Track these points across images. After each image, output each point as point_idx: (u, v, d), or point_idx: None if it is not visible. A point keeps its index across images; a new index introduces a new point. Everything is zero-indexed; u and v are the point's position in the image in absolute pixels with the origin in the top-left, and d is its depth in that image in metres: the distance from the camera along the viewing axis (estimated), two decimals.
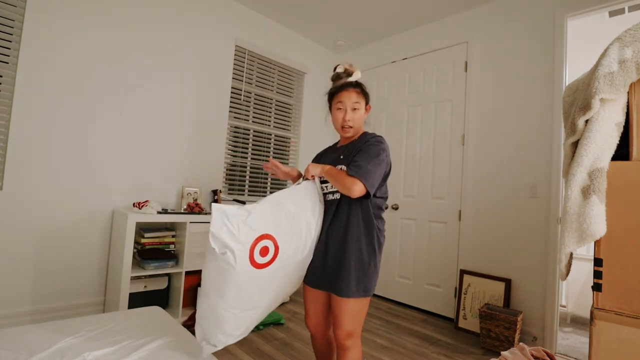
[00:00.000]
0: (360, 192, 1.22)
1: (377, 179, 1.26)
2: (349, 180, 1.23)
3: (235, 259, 1.11)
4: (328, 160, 1.46)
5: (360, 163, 1.26)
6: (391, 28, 3.42)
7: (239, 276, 1.14)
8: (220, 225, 1.11)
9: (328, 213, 1.37)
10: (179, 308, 2.40)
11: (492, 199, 2.70)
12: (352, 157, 1.33)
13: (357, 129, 1.42)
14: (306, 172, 1.36)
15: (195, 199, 2.76)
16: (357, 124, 1.40)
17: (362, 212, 1.32)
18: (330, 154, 1.51)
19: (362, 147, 1.33)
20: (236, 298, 1.17)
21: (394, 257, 3.30)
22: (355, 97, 1.38)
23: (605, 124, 1.16)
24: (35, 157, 2.12)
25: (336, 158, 1.42)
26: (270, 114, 3.48)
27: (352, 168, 1.25)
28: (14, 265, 2.06)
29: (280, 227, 1.24)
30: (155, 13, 2.62)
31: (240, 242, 1.13)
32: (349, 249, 1.29)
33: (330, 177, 1.30)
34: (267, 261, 1.20)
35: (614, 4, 2.29)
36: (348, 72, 1.42)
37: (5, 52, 2.03)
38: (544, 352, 1.46)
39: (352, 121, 1.38)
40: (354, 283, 1.27)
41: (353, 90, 1.38)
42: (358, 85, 1.40)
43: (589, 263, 2.87)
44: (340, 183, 1.25)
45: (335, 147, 1.53)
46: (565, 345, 2.50)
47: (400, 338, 2.44)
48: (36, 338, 1.24)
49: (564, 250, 1.20)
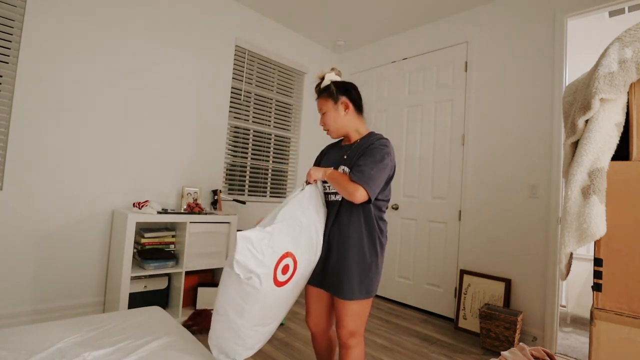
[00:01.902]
0: (362, 198, 1.23)
1: (379, 184, 1.27)
2: (352, 186, 1.23)
3: (260, 282, 1.12)
4: (332, 158, 1.46)
5: (364, 168, 1.25)
6: (391, 28, 3.42)
7: (263, 297, 1.15)
8: (246, 252, 1.11)
9: (330, 214, 1.37)
10: (179, 308, 2.40)
11: (492, 199, 2.70)
12: (355, 159, 1.33)
13: (338, 129, 1.43)
14: (308, 176, 1.37)
15: (195, 199, 2.76)
16: (333, 126, 1.42)
17: (364, 214, 1.33)
18: (334, 151, 1.50)
19: (367, 150, 1.32)
20: (258, 316, 1.18)
21: (394, 257, 3.30)
22: (321, 103, 1.43)
23: (605, 124, 1.16)
24: (35, 157, 2.12)
25: (340, 157, 1.42)
26: (270, 114, 3.48)
27: (355, 173, 1.25)
28: (14, 265, 2.06)
29: (297, 241, 1.25)
30: (156, 13, 2.62)
31: (265, 266, 1.14)
32: (351, 250, 1.30)
33: (333, 182, 1.31)
34: (288, 278, 1.22)
35: (614, 4, 2.29)
36: (320, 77, 1.45)
37: (5, 52, 2.03)
38: (544, 352, 1.45)
39: (326, 125, 1.43)
40: (357, 285, 1.28)
41: (320, 97, 1.44)
42: (324, 91, 1.43)
43: (589, 263, 2.87)
44: (343, 188, 1.25)
45: (340, 144, 1.52)
46: (565, 345, 2.50)
47: (400, 338, 2.44)
48: (36, 338, 1.24)
49: (564, 250, 1.20)
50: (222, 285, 1.18)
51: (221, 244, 2.62)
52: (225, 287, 1.16)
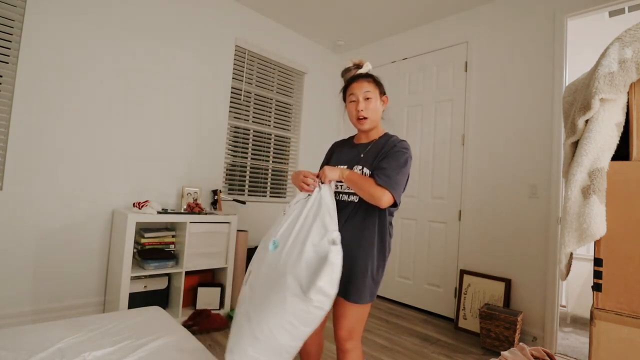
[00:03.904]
0: (388, 203, 1.20)
1: (403, 189, 1.26)
2: (379, 190, 1.19)
3: (330, 304, 1.07)
4: (345, 157, 1.41)
5: (390, 172, 1.22)
6: (391, 28, 3.42)
7: (323, 317, 1.09)
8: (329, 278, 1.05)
9: (341, 214, 1.29)
10: (179, 308, 2.40)
11: (492, 198, 2.70)
12: (376, 160, 1.29)
13: (373, 121, 1.36)
14: (322, 176, 1.27)
15: (195, 199, 2.75)
16: (373, 115, 1.34)
17: (379, 218, 1.29)
18: (347, 149, 1.44)
19: (390, 152, 1.28)
20: (308, 335, 1.12)
21: (394, 257, 3.30)
22: (367, 86, 1.33)
23: (605, 124, 1.16)
24: (35, 157, 2.12)
25: (355, 155, 1.37)
26: (270, 114, 3.48)
27: (381, 177, 1.21)
28: (14, 265, 2.06)
29: None
30: (156, 13, 2.62)
31: (336, 287, 1.08)
32: (364, 255, 1.26)
33: (353, 184, 1.24)
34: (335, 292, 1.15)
35: (614, 4, 2.29)
36: (357, 64, 1.40)
37: (5, 52, 2.03)
38: (544, 352, 1.46)
39: (366, 111, 1.32)
40: (365, 290, 1.25)
41: (364, 80, 1.34)
42: (369, 76, 1.36)
43: (589, 263, 2.87)
44: (367, 192, 1.20)
45: (353, 142, 1.46)
46: (565, 345, 2.50)
47: (400, 338, 2.44)
48: (36, 338, 1.24)
49: (564, 250, 1.20)
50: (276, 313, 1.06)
51: (221, 244, 2.62)
52: (282, 315, 1.06)
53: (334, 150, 1.51)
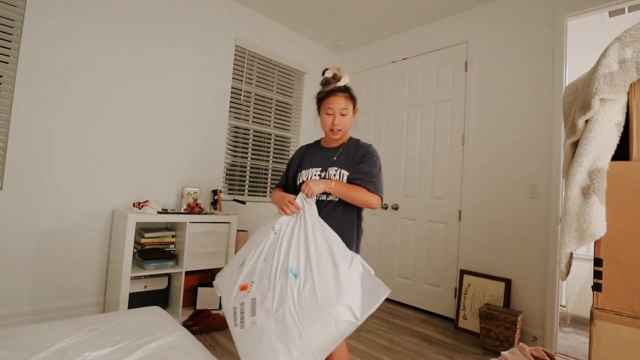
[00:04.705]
0: (378, 204, 1.37)
1: None
2: (372, 197, 1.33)
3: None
4: (318, 160, 1.47)
5: (374, 179, 1.36)
6: (391, 28, 3.42)
7: None
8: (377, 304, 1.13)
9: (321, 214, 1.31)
10: (179, 308, 2.40)
11: (492, 198, 2.70)
12: (352, 164, 1.39)
13: (345, 132, 1.47)
14: (307, 189, 1.28)
15: (195, 199, 2.76)
16: (346, 127, 1.45)
17: (357, 216, 1.42)
18: (318, 152, 1.51)
19: (365, 158, 1.39)
20: None
21: (394, 257, 3.30)
22: (344, 102, 1.41)
23: (605, 124, 1.16)
24: (35, 157, 2.12)
25: (328, 158, 1.45)
26: (270, 114, 3.48)
27: (369, 184, 1.34)
28: (14, 265, 2.06)
29: None
30: (155, 13, 2.62)
31: None
32: None
33: (342, 195, 1.33)
34: None
35: (614, 4, 2.29)
36: (337, 77, 1.44)
37: (5, 52, 2.03)
38: (544, 352, 1.45)
39: (341, 125, 1.42)
40: None
41: (342, 95, 1.41)
42: (346, 90, 1.43)
43: (589, 263, 2.87)
44: (361, 200, 1.33)
45: (321, 146, 1.54)
46: (565, 345, 2.50)
47: (400, 338, 2.44)
48: (36, 338, 1.24)
49: (564, 250, 1.20)
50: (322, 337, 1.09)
51: (221, 244, 2.62)
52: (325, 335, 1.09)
53: (305, 153, 1.55)
